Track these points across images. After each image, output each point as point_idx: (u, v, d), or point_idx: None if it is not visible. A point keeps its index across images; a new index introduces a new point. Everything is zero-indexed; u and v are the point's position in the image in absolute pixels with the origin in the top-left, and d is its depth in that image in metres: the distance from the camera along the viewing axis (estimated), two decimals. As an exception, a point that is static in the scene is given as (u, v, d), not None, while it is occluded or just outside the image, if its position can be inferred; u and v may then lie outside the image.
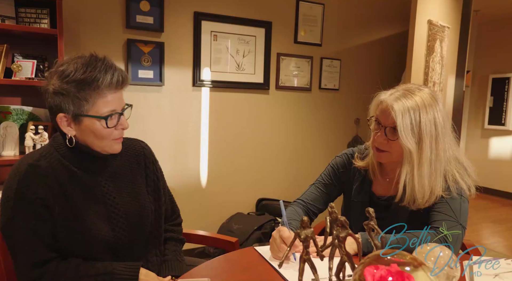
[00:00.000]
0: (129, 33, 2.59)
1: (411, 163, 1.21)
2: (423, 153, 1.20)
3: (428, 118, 1.19)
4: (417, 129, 1.19)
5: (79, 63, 1.04)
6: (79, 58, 1.07)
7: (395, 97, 1.22)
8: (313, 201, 1.45)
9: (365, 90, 3.54)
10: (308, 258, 0.83)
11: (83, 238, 1.07)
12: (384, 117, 1.23)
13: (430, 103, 1.21)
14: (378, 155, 1.28)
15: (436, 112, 1.21)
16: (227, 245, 1.49)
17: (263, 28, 2.98)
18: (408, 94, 1.22)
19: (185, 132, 2.82)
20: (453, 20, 3.41)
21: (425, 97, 1.21)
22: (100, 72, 1.03)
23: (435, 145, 1.21)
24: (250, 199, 3.12)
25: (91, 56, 1.07)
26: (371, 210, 0.88)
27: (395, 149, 1.23)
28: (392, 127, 1.21)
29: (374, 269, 0.74)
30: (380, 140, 1.24)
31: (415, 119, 1.18)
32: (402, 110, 1.18)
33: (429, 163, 1.20)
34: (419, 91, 1.23)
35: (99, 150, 1.11)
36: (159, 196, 1.27)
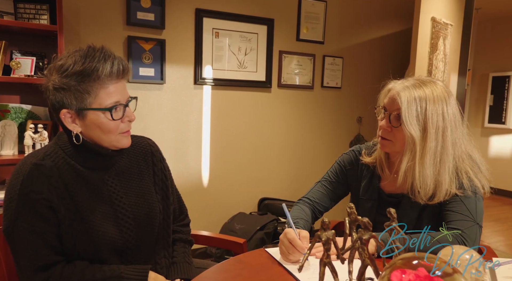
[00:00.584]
0: (129, 30, 2.54)
1: (413, 151, 1.19)
2: (427, 143, 1.16)
3: (435, 109, 1.16)
4: (422, 118, 1.16)
5: (77, 56, 1.00)
6: (76, 51, 1.03)
7: (404, 86, 1.19)
8: (319, 199, 1.42)
9: (367, 89, 3.54)
10: (329, 261, 0.79)
11: (89, 240, 1.03)
12: (390, 104, 1.21)
13: (440, 97, 1.18)
14: (382, 142, 1.26)
15: (445, 106, 1.18)
16: (235, 246, 1.45)
17: (265, 26, 2.94)
18: (418, 84, 1.19)
19: (187, 131, 2.78)
20: (456, 18, 3.39)
21: (435, 90, 1.18)
22: (99, 62, 0.99)
23: (442, 137, 1.17)
24: (252, 198, 3.09)
25: (88, 47, 1.03)
26: (393, 210, 0.85)
27: (398, 138, 1.21)
28: (397, 114, 1.18)
29: (401, 273, 0.71)
30: (384, 127, 1.22)
31: (421, 107, 1.16)
32: (408, 97, 1.16)
33: (433, 154, 1.17)
34: (431, 83, 1.20)
35: (107, 145, 1.06)
36: (167, 195, 1.23)
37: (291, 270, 1.05)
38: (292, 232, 1.10)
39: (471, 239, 1.11)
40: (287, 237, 1.09)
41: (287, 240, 1.08)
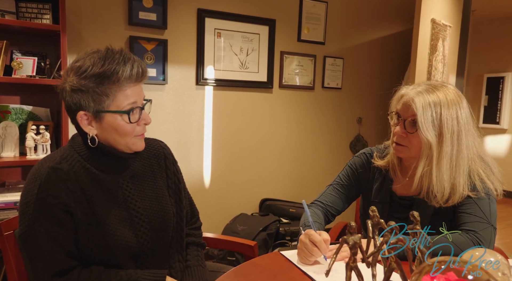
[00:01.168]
0: (131, 30, 2.52)
1: (429, 157, 1.19)
2: (443, 147, 1.17)
3: (449, 113, 1.17)
4: (438, 123, 1.17)
5: (96, 58, 0.99)
6: (94, 53, 1.01)
7: (417, 91, 1.20)
8: (332, 202, 1.41)
9: (368, 90, 3.56)
10: (355, 265, 0.79)
11: (106, 244, 1.01)
12: (404, 110, 1.22)
13: (453, 101, 1.19)
14: (397, 148, 1.26)
15: (459, 110, 1.19)
16: (246, 248, 1.44)
17: (266, 26, 2.93)
18: (431, 89, 1.20)
19: (188, 131, 2.76)
20: (454, 19, 3.42)
21: (449, 95, 1.19)
22: (119, 64, 0.98)
23: (457, 141, 1.18)
24: (253, 199, 3.08)
25: (107, 49, 1.02)
26: (416, 213, 0.85)
27: (414, 143, 1.22)
28: (412, 120, 1.19)
29: (431, 279, 0.71)
30: (399, 133, 1.22)
31: (436, 113, 1.16)
32: (423, 103, 1.17)
33: (449, 158, 1.18)
34: (443, 87, 1.21)
35: (123, 148, 1.05)
36: (180, 198, 1.22)
37: (309, 272, 1.05)
38: (316, 234, 1.09)
39: (486, 241, 1.12)
40: (311, 238, 1.08)
41: (310, 242, 1.08)
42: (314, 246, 1.07)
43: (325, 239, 1.08)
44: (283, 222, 2.90)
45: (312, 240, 1.08)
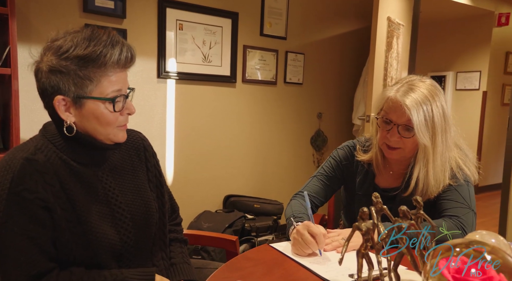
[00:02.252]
0: (86, 18, 2.34)
1: (425, 158, 1.21)
2: (436, 147, 1.20)
3: (438, 110, 1.20)
4: (431, 124, 1.18)
5: (79, 37, 0.89)
6: (77, 32, 0.92)
7: (403, 92, 1.20)
8: (316, 193, 1.40)
9: (327, 85, 3.62)
10: (366, 252, 0.77)
11: (88, 243, 0.92)
12: (396, 115, 1.20)
13: (436, 93, 1.22)
14: (390, 152, 1.26)
15: (442, 102, 1.23)
16: (227, 243, 1.39)
17: (229, 19, 2.88)
18: (414, 87, 1.21)
19: (149, 126, 2.64)
20: (406, 19, 3.58)
21: (430, 88, 1.22)
22: (106, 47, 0.89)
23: (445, 136, 1.22)
24: (217, 195, 3.01)
25: (93, 29, 0.92)
26: (419, 198, 0.85)
27: (408, 145, 1.23)
28: (406, 125, 1.19)
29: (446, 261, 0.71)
30: (393, 138, 1.22)
31: (429, 114, 1.18)
32: (415, 106, 1.16)
33: (441, 155, 1.21)
34: (422, 83, 1.23)
35: (103, 138, 0.96)
36: (162, 193, 1.14)
37: (304, 263, 1.02)
38: (315, 227, 1.07)
39: (468, 225, 1.16)
40: (310, 230, 1.06)
41: (308, 234, 1.05)
42: (313, 239, 1.04)
43: (323, 232, 1.06)
44: (248, 218, 2.86)
45: (311, 232, 1.05)
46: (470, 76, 5.45)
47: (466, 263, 0.70)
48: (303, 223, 1.10)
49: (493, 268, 0.67)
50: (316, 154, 3.54)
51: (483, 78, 5.28)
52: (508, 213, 3.16)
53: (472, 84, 5.42)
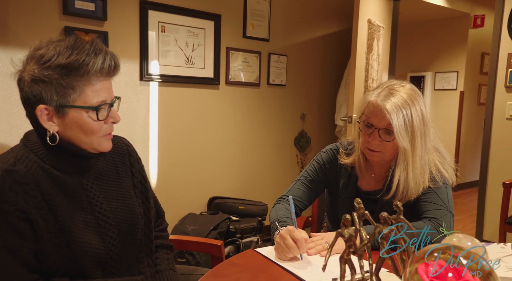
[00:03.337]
0: (66, 20, 2.31)
1: (405, 161, 1.25)
2: (416, 150, 1.24)
3: (417, 114, 1.23)
4: (410, 128, 1.22)
5: (62, 46, 0.89)
6: (60, 41, 0.91)
7: (384, 97, 1.23)
8: (300, 197, 1.42)
9: (310, 86, 3.66)
10: (349, 258, 0.80)
11: (71, 253, 0.91)
12: (377, 119, 1.23)
13: (416, 98, 1.26)
14: (371, 154, 1.29)
15: (422, 106, 1.26)
16: (213, 248, 1.40)
17: (212, 21, 2.88)
18: (394, 92, 1.24)
19: (132, 129, 2.62)
20: (386, 21, 3.65)
21: (410, 93, 1.26)
22: (89, 56, 0.89)
23: (424, 139, 1.26)
24: (201, 198, 3.01)
25: (76, 38, 0.92)
26: (400, 203, 0.88)
27: (388, 149, 1.26)
28: (386, 129, 1.23)
29: (425, 266, 0.74)
30: (374, 142, 1.25)
31: (408, 118, 1.21)
32: (395, 110, 1.19)
33: (420, 158, 1.25)
34: (402, 87, 1.27)
35: (87, 147, 0.95)
36: (147, 198, 1.14)
37: (289, 268, 1.04)
38: (298, 232, 1.09)
39: (447, 226, 1.20)
40: (292, 235, 1.07)
41: (290, 238, 1.07)
42: (294, 243, 1.06)
43: (305, 238, 1.08)
44: (233, 219, 2.87)
45: (293, 237, 1.07)
46: (447, 76, 5.58)
47: (443, 267, 0.73)
48: (286, 227, 1.12)
49: (469, 272, 0.70)
50: (300, 155, 3.57)
51: (460, 78, 5.42)
52: (485, 210, 3.27)
53: (450, 84, 5.56)
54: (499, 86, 3.10)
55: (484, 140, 3.25)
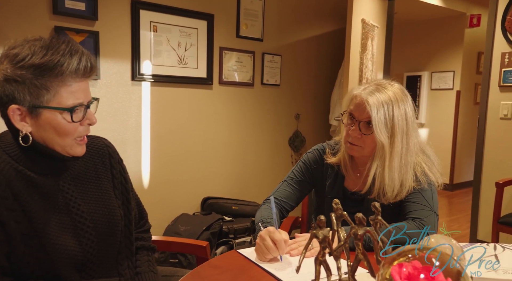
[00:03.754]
0: (57, 20, 2.30)
1: (382, 157, 1.24)
2: (394, 147, 1.23)
3: (400, 113, 1.23)
4: (390, 124, 1.22)
5: (37, 46, 0.88)
6: (36, 40, 0.90)
7: (369, 91, 1.24)
8: (286, 198, 1.42)
9: (305, 86, 3.65)
10: (324, 259, 0.79)
11: (46, 256, 0.91)
12: (358, 112, 1.24)
13: (402, 98, 1.26)
14: (350, 147, 1.29)
15: (407, 107, 1.26)
16: (198, 249, 1.39)
17: (205, 21, 2.87)
18: (381, 88, 1.25)
19: (124, 130, 2.61)
20: (381, 21, 3.64)
21: (396, 92, 1.25)
22: (64, 56, 0.88)
23: (406, 139, 1.25)
24: (194, 198, 3.00)
25: (51, 38, 0.91)
26: (377, 204, 0.87)
27: (367, 143, 1.26)
28: (367, 122, 1.23)
29: (399, 267, 0.73)
30: (354, 134, 1.25)
31: (389, 113, 1.21)
32: (376, 104, 1.20)
33: (399, 156, 1.24)
34: (390, 86, 1.27)
35: (60, 150, 0.95)
36: (128, 200, 1.13)
37: (270, 270, 1.03)
38: (277, 233, 1.08)
39: (431, 227, 1.19)
40: (271, 236, 1.07)
41: (270, 240, 1.06)
42: (274, 244, 1.05)
43: (284, 239, 1.08)
44: (226, 220, 2.87)
45: (272, 238, 1.06)
46: (444, 76, 5.58)
47: (417, 268, 0.72)
48: (266, 228, 1.11)
49: (441, 273, 0.70)
50: (294, 155, 3.56)
51: (457, 78, 5.42)
52: (479, 210, 3.26)
53: (446, 84, 5.55)
54: (493, 85, 3.10)
55: (478, 140, 3.24)
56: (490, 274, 0.95)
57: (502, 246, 1.11)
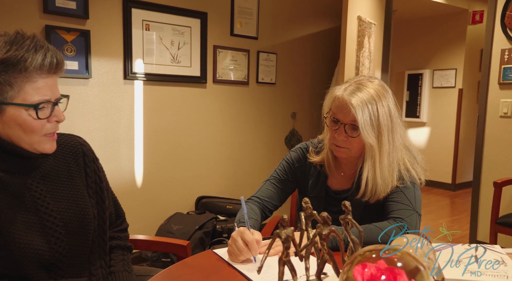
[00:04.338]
0: (47, 19, 2.29)
1: (372, 158, 1.21)
2: (382, 146, 1.20)
3: (384, 110, 1.20)
4: (376, 123, 1.19)
5: (1, 41, 0.87)
6: (1, 36, 0.89)
7: (350, 91, 1.20)
8: (269, 197, 1.39)
9: (301, 85, 3.62)
10: (288, 260, 0.76)
11: (10, 254, 0.89)
12: (342, 114, 1.20)
13: (383, 94, 1.22)
14: (337, 150, 1.25)
15: (389, 102, 1.23)
16: (177, 249, 1.37)
17: (198, 19, 2.85)
18: (361, 87, 1.21)
19: (117, 129, 2.60)
20: (378, 18, 3.60)
21: (377, 89, 1.22)
22: (29, 52, 0.87)
23: (392, 136, 1.22)
24: (189, 197, 2.99)
25: (16, 33, 0.90)
26: (348, 203, 0.84)
27: (354, 145, 1.23)
28: (352, 124, 1.19)
29: (362, 267, 0.70)
30: (340, 138, 1.22)
31: (374, 113, 1.18)
32: (361, 105, 1.16)
33: (388, 154, 1.21)
34: (370, 83, 1.23)
35: (27, 147, 0.93)
36: (102, 199, 1.11)
37: (242, 270, 1.01)
38: (249, 234, 1.05)
39: (412, 226, 1.16)
40: (243, 237, 1.04)
41: (241, 241, 1.04)
42: (245, 245, 1.03)
43: (257, 239, 1.05)
44: (220, 219, 2.85)
45: (244, 239, 1.04)
46: (446, 74, 5.51)
47: (380, 269, 0.69)
48: (237, 229, 1.09)
49: (404, 274, 0.67)
50: (290, 154, 3.53)
51: (459, 75, 5.34)
52: (478, 210, 3.21)
53: (448, 82, 5.48)
54: (493, 83, 3.04)
55: (478, 139, 3.19)
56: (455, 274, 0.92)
57: (485, 247, 1.08)
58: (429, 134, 5.71)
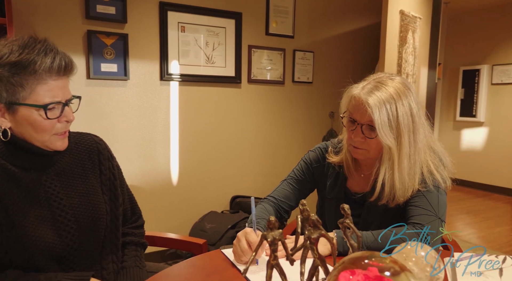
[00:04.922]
0: (89, 24, 2.42)
1: (390, 160, 1.14)
2: (402, 148, 1.12)
3: (404, 110, 1.12)
4: (395, 124, 1.11)
5: (15, 45, 0.92)
6: (16, 40, 0.95)
7: (368, 90, 1.13)
8: (285, 197, 1.35)
9: (339, 83, 3.48)
10: (276, 263, 0.73)
11: (22, 247, 0.94)
12: (359, 114, 1.14)
13: (404, 92, 1.14)
14: (355, 151, 1.20)
15: (411, 102, 1.15)
16: (194, 247, 1.38)
17: (233, 20, 2.86)
18: (380, 86, 1.14)
19: (154, 128, 2.68)
20: (425, 11, 3.40)
21: (398, 87, 1.14)
22: (39, 55, 0.92)
23: (413, 137, 1.14)
24: (224, 196, 3.02)
25: (29, 37, 0.95)
26: (346, 206, 0.80)
27: (373, 146, 1.16)
28: (369, 125, 1.13)
29: (350, 274, 0.66)
30: (357, 139, 1.16)
31: (392, 113, 1.10)
32: (378, 105, 1.09)
33: (408, 157, 1.13)
34: (391, 81, 1.16)
35: (40, 145, 0.98)
36: (115, 195, 1.15)
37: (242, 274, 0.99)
38: (254, 235, 1.03)
39: (433, 234, 1.07)
40: (247, 238, 1.02)
41: (245, 242, 1.02)
42: (249, 246, 1.01)
43: None
44: (254, 219, 2.84)
45: (248, 240, 1.02)
46: (507, 69, 5.08)
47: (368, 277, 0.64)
48: (244, 229, 1.07)
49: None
50: (329, 154, 3.44)
51: (521, 71, 4.91)
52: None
53: (510, 78, 5.05)
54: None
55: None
56: None
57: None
58: (487, 135, 5.30)
